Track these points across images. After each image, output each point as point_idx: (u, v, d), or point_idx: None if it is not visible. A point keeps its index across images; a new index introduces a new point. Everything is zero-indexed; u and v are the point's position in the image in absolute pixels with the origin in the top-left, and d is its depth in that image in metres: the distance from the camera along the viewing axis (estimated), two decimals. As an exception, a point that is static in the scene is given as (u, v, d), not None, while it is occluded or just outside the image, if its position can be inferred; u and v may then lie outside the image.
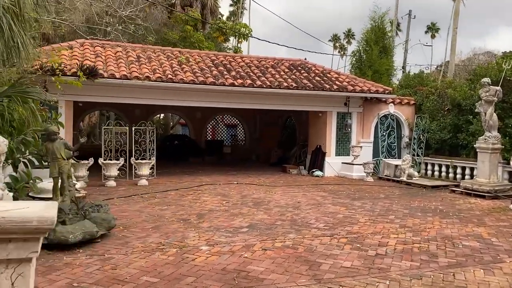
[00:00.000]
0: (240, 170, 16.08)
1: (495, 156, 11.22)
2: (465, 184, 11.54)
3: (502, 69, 12.00)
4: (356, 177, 14.48)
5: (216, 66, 14.26)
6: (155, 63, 13.25)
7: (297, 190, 11.50)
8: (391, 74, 18.76)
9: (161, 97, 13.22)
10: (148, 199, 9.66)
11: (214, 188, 11.52)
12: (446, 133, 14.57)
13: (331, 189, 11.98)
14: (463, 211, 9.19)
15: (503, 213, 9.04)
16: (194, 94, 13.29)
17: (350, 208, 9.12)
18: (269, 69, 14.99)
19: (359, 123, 15.73)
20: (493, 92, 11.08)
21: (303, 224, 7.53)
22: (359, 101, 15.60)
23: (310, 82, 14.39)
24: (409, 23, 28.16)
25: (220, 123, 24.16)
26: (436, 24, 58.39)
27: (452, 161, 14.06)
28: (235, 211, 8.45)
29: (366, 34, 18.73)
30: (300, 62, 16.43)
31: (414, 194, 11.42)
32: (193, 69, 13.44)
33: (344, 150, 15.53)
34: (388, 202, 10.06)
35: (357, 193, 11.28)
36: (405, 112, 16.24)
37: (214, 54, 15.72)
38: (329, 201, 9.92)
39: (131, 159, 11.97)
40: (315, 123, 16.11)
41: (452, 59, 22.50)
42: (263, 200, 9.82)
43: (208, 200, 9.66)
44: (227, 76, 13.36)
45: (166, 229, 6.86)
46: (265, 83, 13.52)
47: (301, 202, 9.70)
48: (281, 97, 14.37)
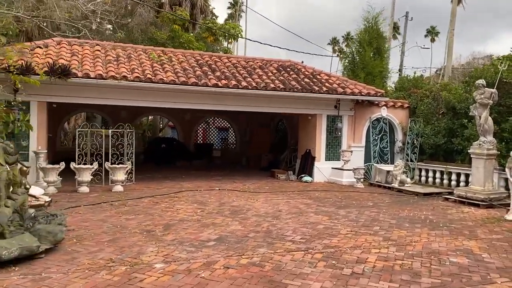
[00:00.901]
0: (227, 175, 15.46)
1: (490, 162, 10.59)
2: (459, 192, 10.90)
3: (498, 70, 11.38)
4: (346, 183, 13.85)
5: (200, 66, 13.66)
6: (135, 63, 12.65)
7: (280, 197, 10.87)
8: (385, 76, 18.13)
9: (141, 98, 12.59)
10: (117, 207, 9.02)
11: (193, 194, 10.89)
12: (441, 137, 13.94)
13: (317, 196, 11.34)
14: (454, 221, 8.55)
15: (497, 224, 8.40)
16: (176, 95, 12.69)
17: (333, 218, 8.48)
18: (256, 70, 14.39)
19: (350, 127, 15.10)
20: (488, 95, 10.46)
21: (278, 236, 6.90)
22: (350, 104, 14.99)
23: (298, 83, 13.78)
24: (406, 25, 27.61)
25: (212, 126, 23.55)
26: (436, 27, 57.80)
27: (447, 167, 13.42)
28: (208, 221, 7.82)
29: (359, 35, 18.14)
30: (289, 63, 15.83)
31: (404, 202, 10.78)
32: (175, 69, 12.84)
33: (334, 155, 14.90)
34: (375, 211, 9.42)
35: (344, 201, 10.64)
36: (399, 116, 15.61)
37: (199, 54, 15.12)
38: (312, 210, 9.29)
39: (106, 164, 11.34)
40: (304, 126, 15.50)
41: (448, 61, 21.91)
42: (241, 209, 9.18)
43: (182, 208, 9.03)
44: (211, 77, 12.75)
45: (123, 243, 6.22)
46: (251, 84, 12.91)
47: (282, 211, 9.06)
48: (269, 99, 13.76)
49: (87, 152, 11.74)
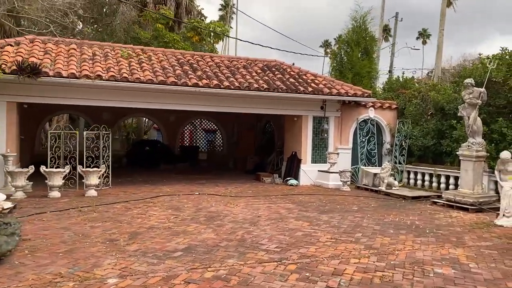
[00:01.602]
0: (211, 179, 14.95)
1: (479, 164, 10.19)
2: (447, 195, 10.49)
3: (487, 69, 11.01)
4: (333, 186, 13.40)
5: (181, 65, 13.16)
6: (112, 61, 12.12)
7: (262, 202, 10.39)
8: (373, 77, 17.75)
9: (119, 99, 12.07)
10: (86, 213, 8.48)
11: (170, 199, 10.37)
12: (430, 139, 13.55)
13: (301, 200, 10.88)
14: (442, 227, 8.12)
15: (486, 230, 7.98)
16: (155, 95, 12.17)
17: (314, 224, 8.01)
18: (240, 69, 13.91)
19: (337, 128, 14.67)
20: (477, 94, 10.07)
21: (251, 245, 6.41)
22: (336, 104, 14.56)
23: (283, 84, 13.33)
24: (396, 26, 27.33)
25: (199, 128, 23.04)
26: (427, 30, 57.71)
27: (436, 169, 13.03)
28: (179, 229, 7.31)
29: (347, 35, 17.74)
30: (275, 63, 15.38)
31: (391, 206, 10.34)
32: (154, 68, 12.33)
33: (321, 157, 14.45)
34: (359, 216, 8.97)
35: (327, 205, 10.18)
36: (386, 117, 15.21)
37: (181, 53, 14.62)
38: (293, 215, 8.81)
39: (78, 167, 10.79)
40: (290, 128, 15.05)
41: (438, 61, 21.62)
42: (219, 214, 8.68)
43: (155, 215, 8.51)
44: (192, 76, 12.26)
45: (80, 254, 5.70)
46: (234, 84, 12.43)
47: (261, 216, 8.58)
48: (252, 100, 13.30)
49: (60, 155, 11.20)
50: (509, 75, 11.15)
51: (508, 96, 10.96)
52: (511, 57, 11.69)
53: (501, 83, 11.17)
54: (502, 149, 10.98)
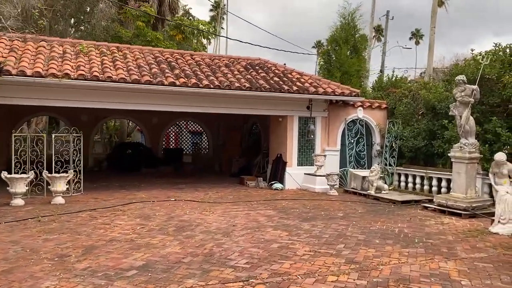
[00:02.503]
0: (192, 183, 14.24)
1: (472, 166, 9.57)
2: (439, 200, 9.85)
3: (479, 66, 10.41)
4: (319, 190, 12.74)
5: (158, 63, 12.46)
6: (83, 60, 11.39)
7: (241, 208, 9.69)
8: (362, 75, 17.13)
9: (91, 99, 11.31)
10: (45, 223, 7.75)
11: (142, 207, 9.65)
12: (421, 140, 12.92)
13: (284, 206, 10.20)
14: (432, 236, 7.47)
15: (480, 238, 7.34)
16: (130, 95, 11.46)
17: (293, 234, 7.33)
18: (221, 68, 13.23)
19: (324, 129, 14.02)
20: (469, 92, 9.45)
21: (219, 260, 5.72)
22: (323, 104, 13.91)
23: (267, 82, 12.66)
24: (387, 24, 26.78)
25: (184, 129, 22.30)
26: (420, 30, 57.33)
27: (427, 171, 12.40)
28: (142, 242, 6.60)
29: (335, 32, 17.12)
30: (259, 61, 14.72)
31: (379, 212, 9.69)
32: (129, 67, 11.61)
33: (307, 160, 13.79)
34: (344, 223, 8.30)
35: (311, 212, 9.51)
36: (376, 117, 14.58)
37: (160, 50, 13.90)
38: (272, 224, 8.12)
39: (44, 173, 10.03)
40: (275, 129, 14.38)
41: (430, 59, 21.07)
42: (191, 224, 7.98)
43: (120, 224, 7.79)
44: (169, 75, 11.55)
45: (19, 274, 4.98)
46: (214, 83, 11.74)
47: (237, 226, 7.89)
48: (235, 100, 12.62)
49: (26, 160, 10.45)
50: (503, 72, 10.55)
51: (502, 94, 10.35)
52: (504, 53, 11.11)
53: (494, 80, 10.57)
54: (496, 150, 10.37)
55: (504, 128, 10.27)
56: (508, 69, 10.62)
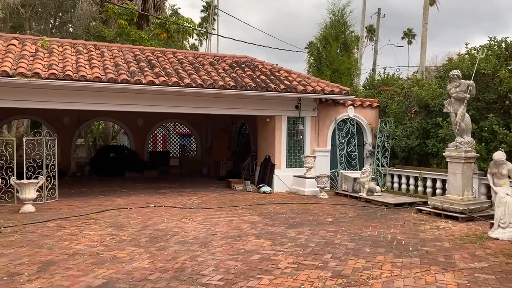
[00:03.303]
0: (177, 187, 13.60)
1: (469, 166, 9.02)
2: (433, 202, 9.29)
3: (474, 61, 9.89)
4: (309, 193, 12.16)
5: (138, 61, 11.84)
6: (56, 58, 10.75)
7: (224, 215, 9.07)
8: (353, 73, 16.59)
9: (65, 100, 10.63)
10: (6, 235, 7.08)
11: (117, 214, 9.00)
12: (414, 139, 12.38)
13: (270, 211, 9.59)
14: (427, 242, 6.89)
15: (479, 244, 6.78)
16: (108, 95, 10.85)
17: (277, 243, 6.73)
18: (205, 66, 12.63)
19: (314, 129, 13.44)
20: (465, 88, 8.91)
21: (190, 277, 5.10)
22: (312, 103, 13.33)
23: (253, 81, 12.07)
24: (379, 22, 26.32)
25: (172, 132, 21.63)
26: (412, 30, 57.01)
27: (421, 172, 11.86)
28: (108, 255, 5.97)
29: (325, 29, 16.57)
30: (245, 59, 14.12)
31: (371, 216, 9.12)
32: (105, 65, 10.98)
33: (296, 161, 13.21)
34: (333, 230, 7.71)
35: (299, 217, 8.91)
36: (367, 116, 14.03)
37: (140, 48, 13.26)
38: (255, 231, 7.52)
39: (11, 179, 9.35)
40: (263, 130, 13.79)
41: (422, 56, 20.62)
42: (167, 233, 7.35)
43: (89, 235, 7.14)
44: (148, 73, 10.93)
45: (-45, 299, 4.34)
46: (196, 81, 11.13)
47: (217, 234, 7.27)
48: (219, 99, 12.02)
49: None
50: (499, 67, 10.03)
51: (499, 89, 9.83)
52: (500, 47, 10.60)
53: (490, 76, 10.04)
54: (493, 149, 9.86)
55: (501, 125, 9.75)
56: (504, 64, 10.11)
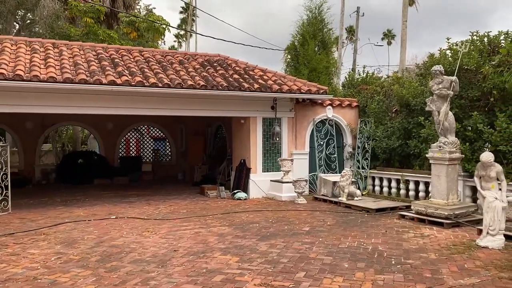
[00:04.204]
0: (146, 195, 12.73)
1: (453, 168, 8.45)
2: (417, 207, 8.69)
3: (457, 56, 9.37)
4: (286, 198, 11.47)
5: (99, 60, 10.99)
6: (7, 57, 9.81)
7: (192, 226, 8.29)
8: (331, 72, 16.00)
9: (17, 103, 9.74)
10: None
11: (72, 228, 8.12)
12: (395, 139, 11.82)
13: (243, 220, 8.85)
14: (411, 254, 6.25)
15: (467, 255, 6.17)
16: (68, 97, 10.00)
17: (246, 259, 5.99)
18: (174, 65, 11.83)
19: (291, 131, 12.77)
20: (448, 84, 8.34)
21: (137, 306, 4.31)
22: (289, 103, 12.67)
23: (225, 80, 11.32)
24: (358, 21, 25.91)
25: (146, 135, 20.69)
26: (392, 30, 57.10)
27: (403, 174, 11.31)
28: (47, 280, 5.13)
29: (302, 27, 15.95)
30: (218, 57, 13.37)
31: (350, 224, 8.46)
32: (63, 64, 10.09)
33: (273, 165, 12.51)
34: (309, 241, 7.02)
35: (273, 226, 8.20)
36: (347, 116, 13.44)
37: (103, 46, 12.39)
38: (223, 245, 6.76)
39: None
40: (238, 132, 13.05)
41: (402, 54, 20.23)
42: (122, 250, 6.53)
43: (33, 255, 6.27)
44: (110, 73, 10.08)
45: None
46: (162, 81, 10.32)
47: (179, 250, 6.49)
48: (190, 100, 11.25)
49: None
50: (482, 62, 9.53)
51: (483, 86, 9.32)
52: (482, 42, 10.11)
53: (473, 72, 9.53)
54: (477, 149, 9.37)
55: (485, 124, 9.24)
56: (487, 59, 9.62)
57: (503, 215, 6.55)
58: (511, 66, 8.91)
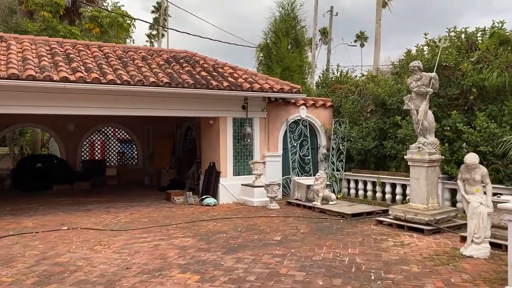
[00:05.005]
0: (107, 202, 11.79)
1: (433, 170, 7.96)
2: (395, 212, 8.15)
3: (435, 52, 8.91)
4: (258, 203, 10.79)
5: (53, 55, 10.04)
6: None
7: (151, 237, 7.48)
8: (305, 71, 15.44)
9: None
10: None
11: (15, 242, 7.18)
12: (370, 140, 11.32)
13: (209, 229, 8.09)
14: (392, 266, 5.66)
15: (453, 267, 5.63)
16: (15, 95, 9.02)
17: (207, 278, 5.25)
18: (136, 61, 10.97)
19: (263, 132, 12.10)
20: (427, 81, 7.84)
21: None
22: (261, 103, 12.00)
23: (192, 78, 10.55)
24: (331, 21, 25.59)
25: (112, 138, 19.59)
26: (364, 33, 57.39)
27: (379, 176, 10.81)
28: (-36, 311, 4.26)
29: (274, 24, 15.33)
30: (185, 54, 12.58)
31: (325, 231, 7.84)
32: (9, 59, 9.10)
33: (245, 168, 11.80)
34: (280, 253, 6.34)
35: (242, 236, 7.48)
36: (321, 117, 12.88)
37: (58, 41, 11.40)
38: (183, 261, 6.00)
39: None
40: (207, 133, 12.29)
41: (376, 54, 19.93)
42: (67, 268, 5.69)
43: (-43, 276, 5.36)
44: (63, 69, 9.16)
45: None
46: (121, 78, 9.46)
47: (132, 268, 5.69)
48: (155, 99, 10.42)
49: None
50: (461, 59, 9.12)
51: (462, 84, 8.90)
52: (459, 38, 9.72)
53: (452, 68, 9.10)
54: (457, 150, 8.94)
55: (464, 123, 8.81)
56: (465, 56, 9.21)
57: (488, 221, 6.05)
58: (491, 63, 8.51)
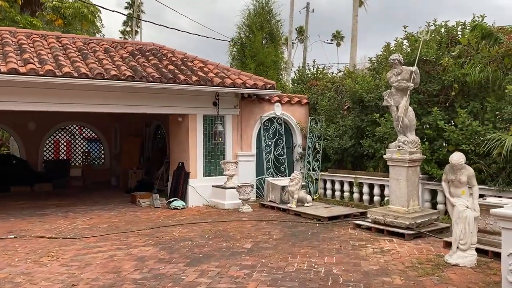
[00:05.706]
0: (67, 205, 10.92)
1: (414, 170, 7.49)
2: (374, 215, 7.65)
3: (415, 46, 8.47)
4: (230, 206, 10.15)
5: (2, 45, 9.14)
6: None
7: (108, 246, 6.73)
8: (280, 67, 14.88)
9: None
10: None
11: (-51, 254, 6.32)
12: (347, 139, 10.83)
13: (174, 237, 7.39)
14: (373, 278, 5.11)
15: (438, 277, 5.12)
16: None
17: (164, 296, 4.58)
18: (97, 53, 10.14)
19: (236, 130, 11.45)
20: (407, 75, 7.36)
21: None
22: (234, 99, 11.35)
23: (158, 71, 9.81)
24: (308, 17, 25.17)
25: (78, 137, 18.56)
26: (341, 32, 57.37)
27: (356, 177, 10.33)
28: None
29: (248, 17, 14.69)
30: (152, 46, 11.79)
31: (300, 237, 7.26)
32: (-50, 49, 8.17)
33: (216, 168, 11.13)
34: (249, 263, 5.71)
35: (209, 244, 6.82)
36: (296, 114, 12.33)
37: (10, 31, 10.43)
38: (139, 275, 5.30)
39: None
40: (175, 131, 11.55)
41: (353, 50, 19.57)
42: (1, 286, 4.90)
43: None
44: (12, 60, 8.29)
45: None
46: (79, 70, 8.63)
47: (79, 285, 4.95)
48: (118, 94, 9.63)
49: None
50: (441, 54, 8.70)
51: (443, 79, 8.48)
52: (439, 33, 9.31)
53: (432, 63, 8.67)
54: (438, 148, 8.51)
55: (445, 120, 8.40)
56: (446, 51, 8.80)
57: (475, 226, 5.58)
58: (472, 58, 8.11)
